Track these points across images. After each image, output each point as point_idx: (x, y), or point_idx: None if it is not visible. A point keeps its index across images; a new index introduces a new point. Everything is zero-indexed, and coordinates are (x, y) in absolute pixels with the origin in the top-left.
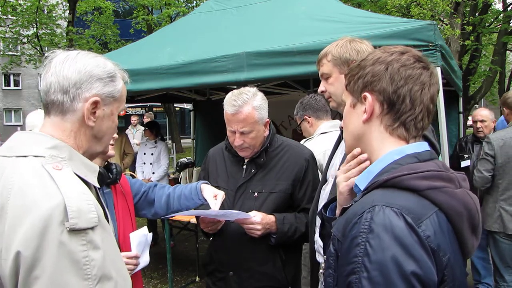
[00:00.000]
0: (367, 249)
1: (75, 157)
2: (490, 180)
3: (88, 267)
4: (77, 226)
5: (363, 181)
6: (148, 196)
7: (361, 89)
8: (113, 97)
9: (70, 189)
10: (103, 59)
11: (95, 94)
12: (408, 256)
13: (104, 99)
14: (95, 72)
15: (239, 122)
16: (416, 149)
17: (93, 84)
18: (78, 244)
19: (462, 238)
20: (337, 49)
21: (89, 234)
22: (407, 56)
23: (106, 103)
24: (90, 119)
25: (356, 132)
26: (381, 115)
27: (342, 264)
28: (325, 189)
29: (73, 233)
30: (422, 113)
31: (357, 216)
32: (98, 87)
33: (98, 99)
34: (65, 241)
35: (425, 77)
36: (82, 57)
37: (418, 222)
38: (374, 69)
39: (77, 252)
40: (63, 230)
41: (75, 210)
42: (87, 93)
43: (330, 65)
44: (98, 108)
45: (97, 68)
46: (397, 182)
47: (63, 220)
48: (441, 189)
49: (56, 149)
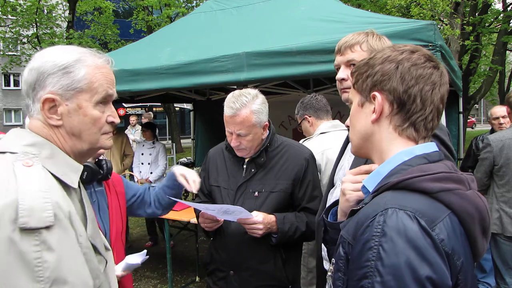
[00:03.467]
0: (380, 253)
1: (57, 156)
2: (486, 184)
3: (40, 269)
4: (27, 225)
5: (371, 183)
6: (145, 198)
7: (370, 88)
8: (74, 89)
9: (28, 187)
10: (58, 50)
11: (49, 91)
12: (422, 260)
13: (62, 94)
14: (44, 69)
15: (236, 124)
16: (425, 150)
17: (45, 82)
18: (30, 245)
19: (474, 241)
20: (376, 42)
21: (42, 234)
22: (418, 55)
23: (68, 97)
24: (51, 118)
25: (364, 132)
26: (391, 115)
27: (353, 268)
28: (333, 193)
29: (25, 233)
30: (432, 113)
31: (369, 219)
32: (51, 84)
33: (50, 97)
34: (16, 240)
35: (436, 77)
36: (39, 55)
37: (432, 225)
38: (384, 67)
39: (28, 252)
40: (14, 228)
41: (26, 209)
42: (42, 92)
43: (365, 55)
44: (59, 105)
45: (46, 63)
46: (408, 184)
47: (15, 218)
48: (453, 191)
49: (34, 146)
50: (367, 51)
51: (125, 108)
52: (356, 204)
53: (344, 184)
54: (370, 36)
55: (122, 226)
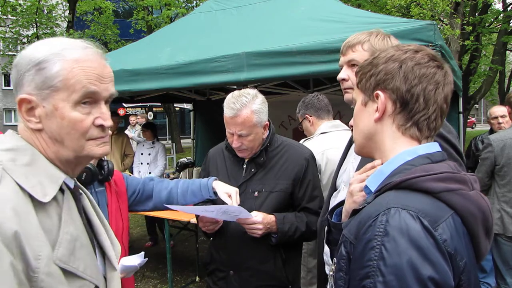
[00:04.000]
0: (382, 252)
1: (36, 164)
2: (487, 184)
3: None
4: None
5: (374, 182)
6: (145, 192)
7: (373, 87)
8: (48, 87)
9: None
10: (34, 47)
11: (25, 91)
12: (425, 260)
13: (37, 94)
14: (20, 66)
15: (237, 125)
16: (428, 149)
17: (22, 81)
18: None
19: (477, 241)
20: (378, 42)
21: None
22: (421, 54)
23: (44, 97)
24: (30, 121)
25: (367, 131)
26: (394, 114)
27: (355, 267)
28: (337, 197)
29: None
30: (435, 113)
31: (372, 218)
32: (26, 83)
33: (25, 97)
34: None
35: (440, 77)
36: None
37: (435, 225)
38: (387, 67)
39: None
40: None
41: None
42: (20, 92)
43: (366, 55)
44: (36, 107)
45: (22, 59)
46: (411, 184)
47: None
48: (456, 191)
49: (12, 152)
50: (369, 51)
51: (125, 108)
52: None
53: (352, 185)
54: (373, 35)
55: (123, 228)
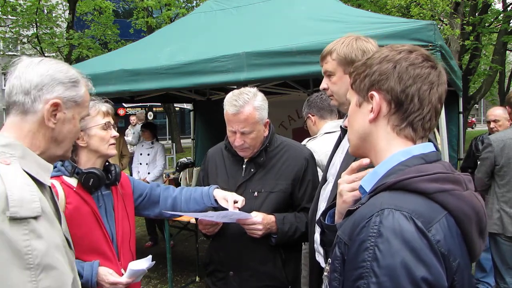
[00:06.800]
0: (376, 253)
1: (28, 157)
2: (486, 184)
3: (30, 256)
4: (18, 215)
5: (368, 183)
6: (152, 197)
7: (368, 87)
8: (75, 102)
9: (13, 180)
10: (66, 65)
11: (56, 96)
12: (418, 261)
13: (65, 102)
14: (57, 76)
15: (240, 122)
16: (422, 150)
17: (55, 87)
18: (19, 234)
19: (471, 241)
20: (343, 48)
21: (31, 223)
22: (416, 54)
23: (68, 107)
24: (50, 120)
25: (362, 132)
26: (388, 114)
27: (349, 268)
28: (326, 189)
29: (14, 222)
30: (430, 113)
31: (365, 219)
32: (59, 90)
33: (58, 102)
34: (5, 230)
35: (434, 77)
36: (46, 62)
37: (428, 226)
38: (382, 67)
39: (18, 241)
40: (3, 219)
41: (16, 199)
42: (48, 95)
43: (335, 64)
44: (59, 111)
45: (59, 73)
46: (405, 185)
47: (4, 209)
48: (450, 192)
49: (8, 147)
50: (336, 59)
51: (125, 108)
52: (353, 205)
53: (340, 186)
54: (339, 43)
55: (130, 232)
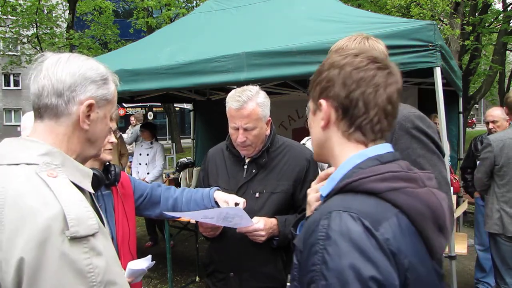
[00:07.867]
0: (324, 256)
1: (68, 163)
2: (486, 184)
3: (92, 274)
4: (78, 234)
5: (326, 189)
6: (153, 197)
7: (318, 95)
8: (106, 100)
9: (68, 197)
10: (95, 61)
11: (90, 96)
12: (366, 260)
13: (98, 101)
14: (89, 75)
15: (243, 117)
16: (377, 151)
17: (88, 87)
18: (80, 252)
19: (427, 238)
20: (356, 45)
21: (90, 241)
22: (361, 58)
23: (100, 106)
24: (85, 122)
25: (318, 139)
26: (337, 121)
27: (302, 273)
28: None
29: (74, 242)
30: (377, 115)
31: (315, 223)
32: (92, 90)
33: (93, 102)
34: (67, 251)
35: (380, 78)
36: (75, 60)
37: (377, 225)
38: (329, 74)
39: (79, 260)
40: (63, 239)
41: (75, 218)
42: (82, 96)
43: None
44: (93, 111)
45: (90, 70)
46: (355, 186)
47: (63, 229)
48: (401, 190)
49: (49, 156)
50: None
51: (125, 108)
52: None
53: (309, 195)
54: (351, 41)
55: (130, 232)
